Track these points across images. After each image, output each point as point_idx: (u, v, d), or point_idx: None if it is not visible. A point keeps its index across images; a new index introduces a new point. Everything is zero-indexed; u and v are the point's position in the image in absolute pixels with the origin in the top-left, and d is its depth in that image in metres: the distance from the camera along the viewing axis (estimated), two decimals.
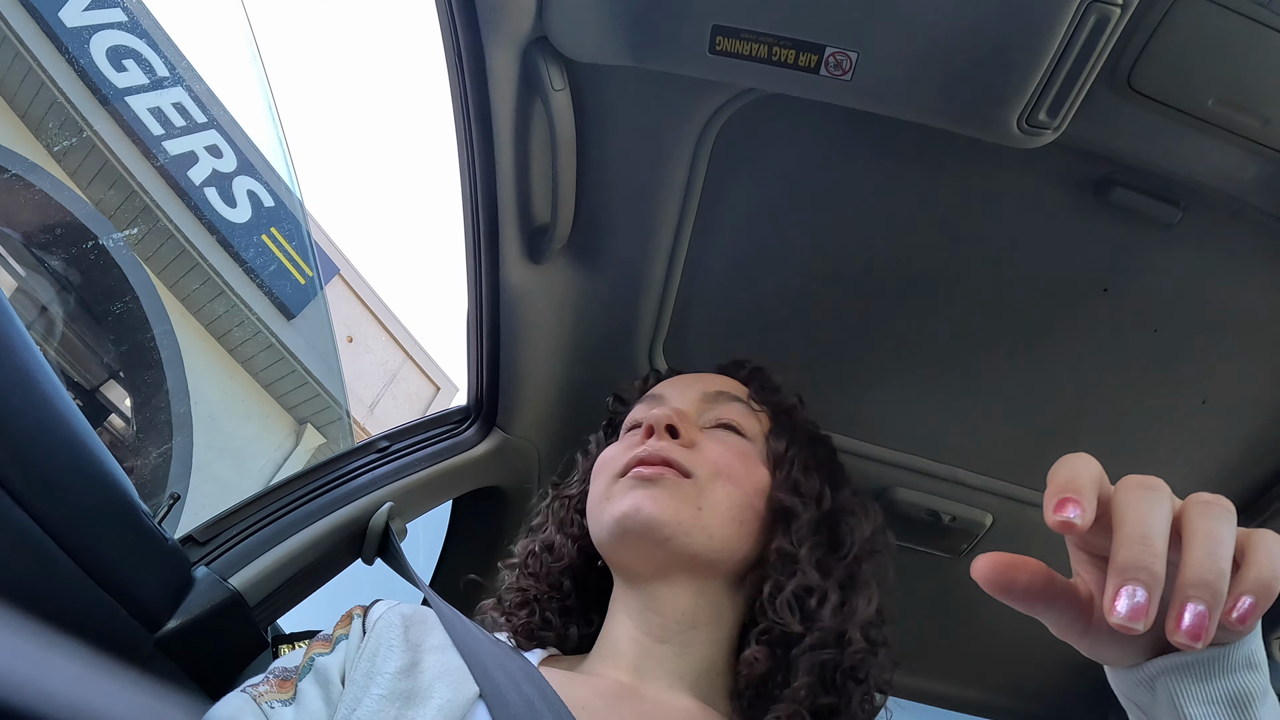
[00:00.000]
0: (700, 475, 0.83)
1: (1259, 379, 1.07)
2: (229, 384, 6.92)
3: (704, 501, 0.82)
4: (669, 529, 0.79)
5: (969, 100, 0.80)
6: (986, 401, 1.17)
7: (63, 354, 5.71)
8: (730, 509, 0.83)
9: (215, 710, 0.64)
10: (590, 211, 1.04)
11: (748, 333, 1.16)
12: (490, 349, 1.15)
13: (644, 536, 0.80)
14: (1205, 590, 0.44)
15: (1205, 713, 0.50)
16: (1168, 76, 0.81)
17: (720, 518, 0.82)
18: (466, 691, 0.67)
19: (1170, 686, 0.51)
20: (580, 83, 0.92)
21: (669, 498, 0.81)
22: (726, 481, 0.84)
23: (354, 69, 71.67)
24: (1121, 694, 0.56)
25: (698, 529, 0.80)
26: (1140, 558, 0.45)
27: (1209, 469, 1.19)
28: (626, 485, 0.84)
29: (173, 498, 1.06)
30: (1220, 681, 0.50)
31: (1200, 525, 0.47)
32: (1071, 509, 0.47)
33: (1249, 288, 1.01)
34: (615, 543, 0.83)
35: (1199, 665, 0.50)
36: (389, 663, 0.68)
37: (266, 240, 7.95)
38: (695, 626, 0.82)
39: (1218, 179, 0.88)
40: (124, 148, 6.15)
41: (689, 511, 0.81)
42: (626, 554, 0.84)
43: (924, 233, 1.02)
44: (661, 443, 0.85)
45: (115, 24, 6.30)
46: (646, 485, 0.82)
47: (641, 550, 0.82)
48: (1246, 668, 0.50)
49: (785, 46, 0.79)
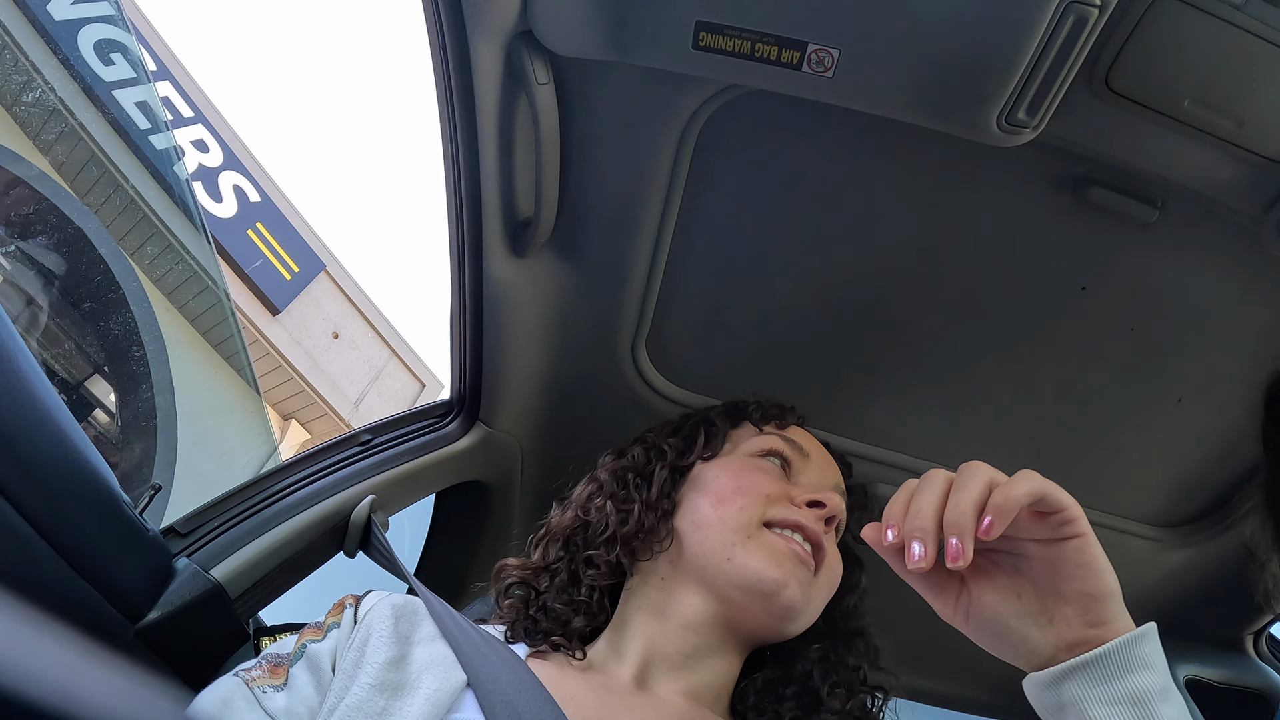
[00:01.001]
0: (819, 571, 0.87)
1: (1233, 378, 1.08)
2: (213, 379, 6.88)
3: (818, 586, 0.86)
4: (797, 619, 0.84)
5: (949, 98, 0.80)
6: (967, 398, 1.18)
7: (46, 347, 5.66)
8: (827, 596, 0.89)
9: (207, 692, 0.66)
10: (574, 206, 1.04)
11: (730, 329, 1.17)
12: (473, 343, 1.15)
13: (773, 612, 0.82)
14: (954, 527, 0.59)
15: (1108, 713, 0.57)
16: (1145, 77, 0.82)
17: (821, 602, 0.87)
18: (454, 680, 0.68)
19: (1075, 691, 0.58)
20: (564, 77, 0.92)
21: (808, 584, 0.84)
22: (829, 582, 0.89)
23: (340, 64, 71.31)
24: (1035, 703, 0.63)
25: (811, 610, 0.85)
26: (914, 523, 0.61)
27: (1185, 466, 1.21)
28: (776, 547, 0.84)
29: (154, 489, 1.06)
30: (1119, 682, 0.57)
31: (956, 485, 0.62)
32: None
33: (1224, 288, 1.02)
34: (738, 595, 0.83)
35: (1097, 665, 0.58)
36: (378, 654, 0.69)
37: (252, 235, 7.92)
38: (713, 654, 0.84)
39: (1194, 179, 0.89)
40: (110, 141, 6.10)
41: (807, 605, 0.84)
42: (739, 611, 0.84)
43: (906, 231, 1.03)
44: (822, 526, 0.88)
45: (103, 17, 6.25)
46: (801, 566, 0.84)
47: (758, 616, 0.83)
48: (1142, 668, 0.58)
49: (768, 43, 0.79)
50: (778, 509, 0.87)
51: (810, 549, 0.85)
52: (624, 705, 0.75)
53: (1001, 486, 0.61)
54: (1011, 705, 1.64)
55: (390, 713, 0.63)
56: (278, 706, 0.65)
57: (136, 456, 5.54)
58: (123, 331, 5.77)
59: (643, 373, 1.21)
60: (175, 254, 6.48)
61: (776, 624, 0.83)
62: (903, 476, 1.26)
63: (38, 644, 0.19)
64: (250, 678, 0.68)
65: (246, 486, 1.07)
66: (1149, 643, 0.59)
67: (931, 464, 1.25)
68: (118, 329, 5.79)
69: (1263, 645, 1.33)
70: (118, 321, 5.76)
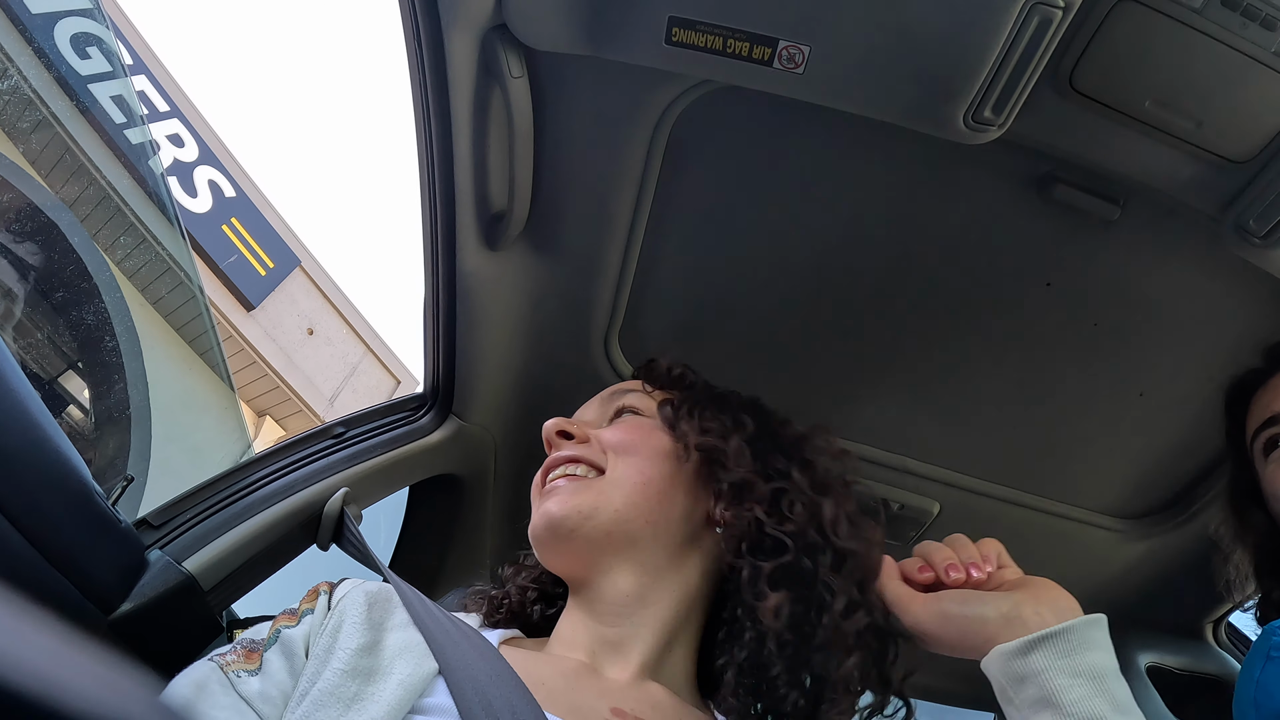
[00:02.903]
0: (599, 461, 0.88)
1: (1193, 373, 1.11)
2: (188, 375, 6.81)
3: (605, 484, 0.86)
4: (572, 520, 0.83)
5: (917, 96, 0.82)
6: (933, 392, 1.20)
7: (18, 340, 5.58)
8: (635, 478, 0.86)
9: (182, 676, 0.66)
10: (547, 200, 1.05)
11: (701, 322, 1.18)
12: (447, 335, 1.16)
13: (554, 536, 0.84)
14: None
15: (1069, 684, 0.67)
16: (1107, 78, 0.83)
17: (624, 488, 0.85)
18: (426, 667, 0.68)
19: (1040, 662, 0.68)
20: (538, 71, 0.93)
21: (569, 494, 0.85)
22: (625, 455, 0.88)
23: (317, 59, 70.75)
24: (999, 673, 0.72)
25: (603, 508, 0.83)
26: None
27: (1146, 459, 1.23)
28: (538, 502, 0.87)
29: (126, 480, 1.06)
30: (1081, 656, 0.68)
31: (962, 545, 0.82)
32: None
33: (1185, 285, 1.04)
34: (541, 554, 0.87)
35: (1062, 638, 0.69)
36: (351, 639, 0.69)
37: (227, 230, 7.85)
38: (647, 602, 0.83)
39: (1155, 178, 0.91)
40: (85, 135, 6.03)
41: (589, 498, 0.84)
42: (552, 560, 0.87)
43: (873, 226, 1.05)
44: (558, 452, 0.90)
45: (80, 10, 6.18)
46: (549, 495, 0.86)
47: (559, 551, 0.85)
48: (1100, 647, 0.70)
49: (740, 39, 0.80)
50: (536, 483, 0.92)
51: (560, 480, 0.88)
52: (584, 687, 0.76)
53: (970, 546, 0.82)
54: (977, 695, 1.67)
55: (362, 698, 0.64)
56: (251, 690, 0.66)
57: (110, 452, 5.48)
58: (96, 325, 5.71)
59: (615, 366, 1.22)
60: (149, 249, 6.41)
61: (587, 539, 0.83)
62: (871, 469, 1.28)
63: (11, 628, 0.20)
64: (224, 662, 0.68)
65: (219, 479, 1.06)
66: (1102, 629, 0.71)
67: (901, 456, 1.28)
68: (91, 323, 5.72)
69: (1221, 633, 1.36)
70: (91, 315, 5.70)
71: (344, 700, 0.63)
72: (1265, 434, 0.95)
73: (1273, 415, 0.95)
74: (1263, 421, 0.96)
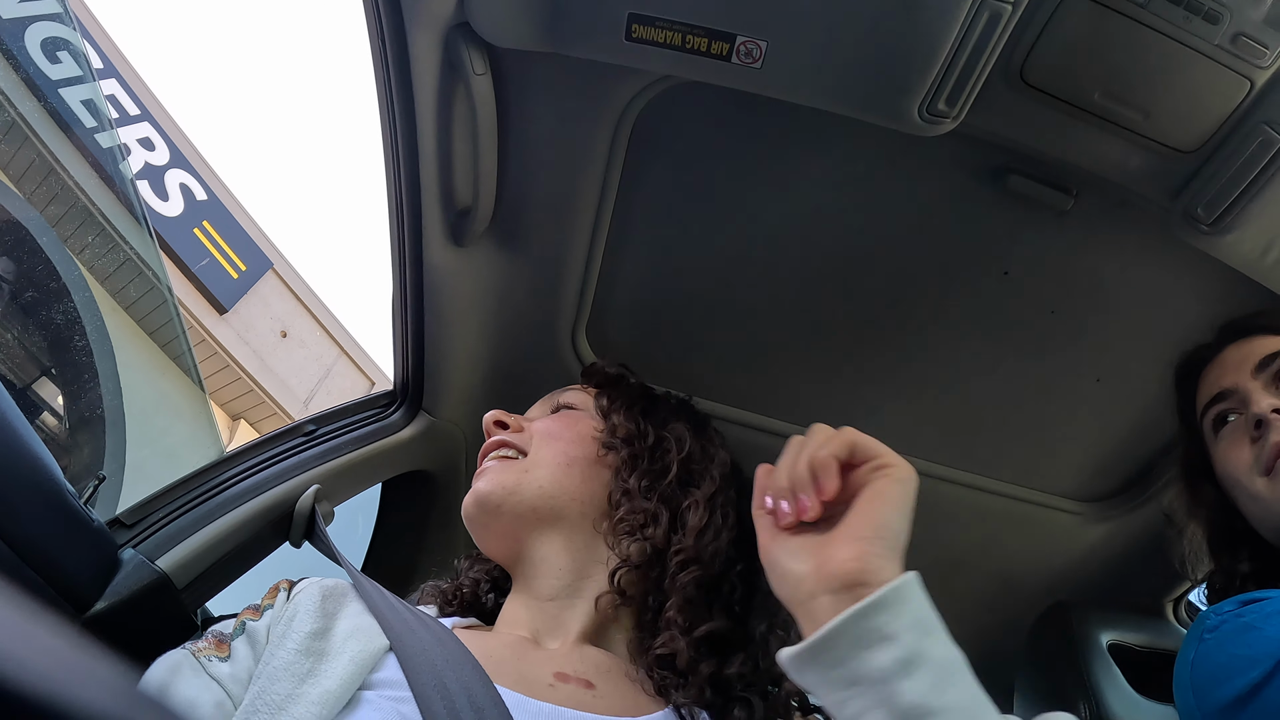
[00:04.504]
0: (526, 445, 0.94)
1: (1147, 358, 1.13)
2: (162, 380, 6.74)
3: (530, 463, 0.92)
4: (496, 495, 0.89)
5: (872, 89, 0.84)
6: (894, 380, 1.22)
7: None
8: (556, 457, 0.92)
9: (158, 663, 0.70)
10: (512, 195, 1.06)
11: (666, 315, 1.20)
12: (415, 332, 1.16)
13: (481, 511, 0.91)
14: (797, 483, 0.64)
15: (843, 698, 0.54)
16: (1057, 71, 0.86)
17: (548, 466, 0.91)
18: (377, 644, 0.71)
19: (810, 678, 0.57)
20: (501, 68, 0.94)
21: (495, 473, 0.92)
22: (550, 439, 0.94)
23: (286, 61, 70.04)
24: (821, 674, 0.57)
25: (526, 484, 0.90)
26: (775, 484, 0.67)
27: (1104, 443, 1.26)
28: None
29: (98, 478, 1.05)
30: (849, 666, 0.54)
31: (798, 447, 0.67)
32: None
33: (1137, 271, 1.07)
34: (476, 535, 0.93)
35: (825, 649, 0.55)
36: (304, 625, 0.73)
37: (199, 234, 7.78)
38: (580, 577, 0.87)
39: (1106, 169, 0.93)
40: (56, 140, 5.96)
41: (514, 475, 0.91)
42: (486, 539, 0.93)
43: (834, 219, 1.07)
44: (492, 439, 0.97)
45: (49, 15, 6.10)
46: (479, 476, 0.93)
47: (490, 528, 0.91)
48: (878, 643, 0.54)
49: (698, 34, 0.82)
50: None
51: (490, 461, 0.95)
52: (529, 658, 0.79)
53: (814, 443, 0.65)
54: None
55: (316, 673, 0.67)
56: (222, 673, 0.69)
57: (85, 457, 5.41)
58: (65, 326, 5.64)
59: (583, 359, 1.23)
60: (120, 252, 6.35)
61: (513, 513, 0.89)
62: None
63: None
64: (196, 649, 0.72)
65: (191, 477, 1.07)
66: (888, 610, 0.55)
67: None
68: (61, 325, 5.65)
69: (1181, 612, 1.39)
70: (60, 319, 5.62)
71: (298, 675, 0.66)
72: (1214, 410, 0.97)
73: (1221, 391, 0.97)
74: (1211, 397, 0.98)
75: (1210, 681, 0.81)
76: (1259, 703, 0.74)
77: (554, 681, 0.75)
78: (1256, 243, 0.92)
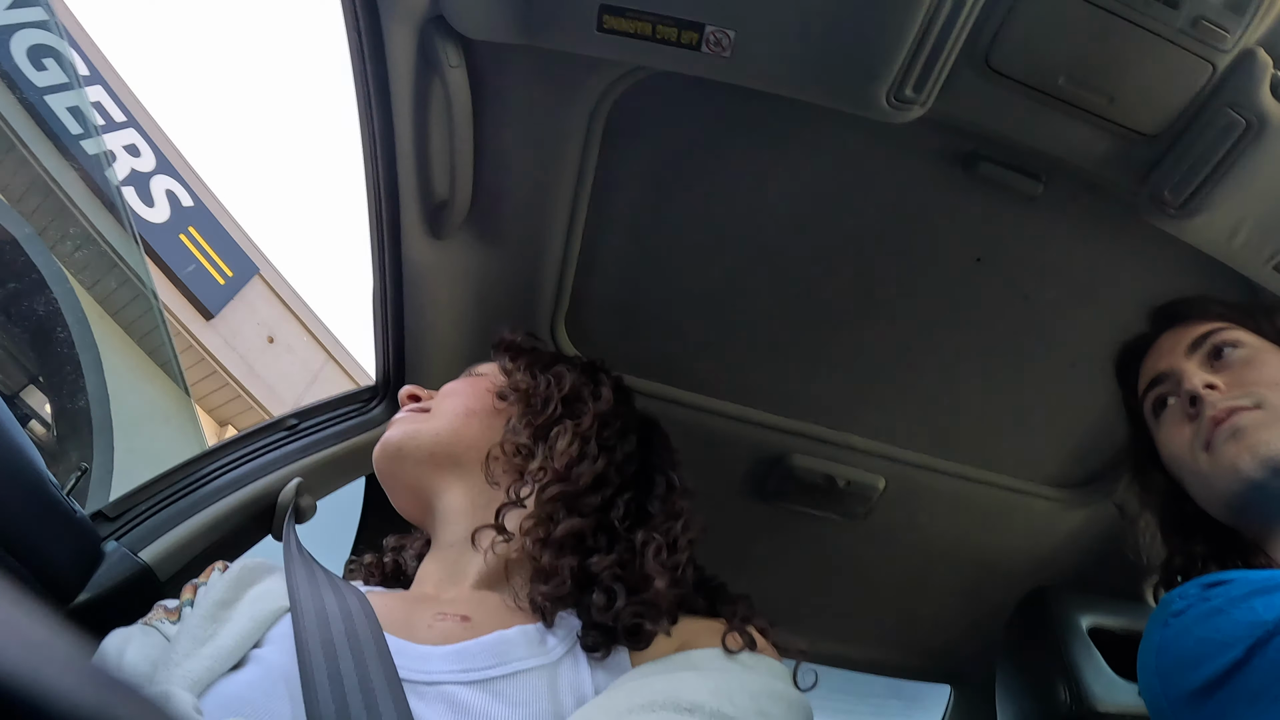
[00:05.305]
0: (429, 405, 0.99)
1: (1119, 341, 1.14)
2: (148, 386, 6.71)
3: (430, 415, 0.96)
4: (395, 440, 0.94)
5: (840, 76, 0.85)
6: (873, 369, 1.23)
7: None
8: (455, 408, 0.96)
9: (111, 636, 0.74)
10: (489, 188, 1.06)
11: (644, 304, 1.21)
12: (395, 326, 1.17)
13: (384, 457, 0.94)
14: None
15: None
16: (1022, 56, 0.87)
17: (446, 416, 0.95)
18: (276, 605, 0.76)
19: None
20: (476, 61, 0.95)
21: (398, 424, 0.97)
22: (451, 394, 0.99)
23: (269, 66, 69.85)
24: None
25: (424, 430, 0.94)
26: None
27: (1080, 429, 1.27)
28: None
29: (80, 470, 1.06)
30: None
31: None
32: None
33: (1108, 256, 1.08)
34: (386, 489, 0.97)
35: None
36: (214, 594, 0.77)
37: (185, 240, 7.75)
38: (478, 522, 0.88)
39: (1073, 154, 0.94)
40: (41, 146, 5.94)
41: (414, 425, 0.95)
42: (393, 492, 0.97)
43: (807, 207, 1.08)
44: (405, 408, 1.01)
45: (36, 23, 6.08)
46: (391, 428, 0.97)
47: (394, 475, 0.95)
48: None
49: (668, 25, 0.83)
50: None
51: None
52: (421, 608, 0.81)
53: None
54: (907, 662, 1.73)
55: (215, 636, 0.71)
56: (170, 630, 0.75)
57: (72, 464, 5.39)
58: (52, 334, 5.61)
59: (562, 349, 1.23)
60: (107, 259, 6.32)
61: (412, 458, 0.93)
62: (820, 447, 1.31)
63: None
64: (146, 619, 0.77)
65: (174, 470, 1.07)
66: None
67: (840, 431, 1.31)
68: (47, 332, 5.62)
69: (1161, 595, 1.40)
70: (47, 325, 5.59)
71: (199, 640, 0.71)
72: (1153, 394, 0.98)
73: (1158, 375, 0.97)
74: (1149, 382, 0.99)
75: (1177, 666, 0.80)
76: (1230, 689, 0.73)
77: (432, 622, 0.78)
78: (1224, 225, 0.93)
